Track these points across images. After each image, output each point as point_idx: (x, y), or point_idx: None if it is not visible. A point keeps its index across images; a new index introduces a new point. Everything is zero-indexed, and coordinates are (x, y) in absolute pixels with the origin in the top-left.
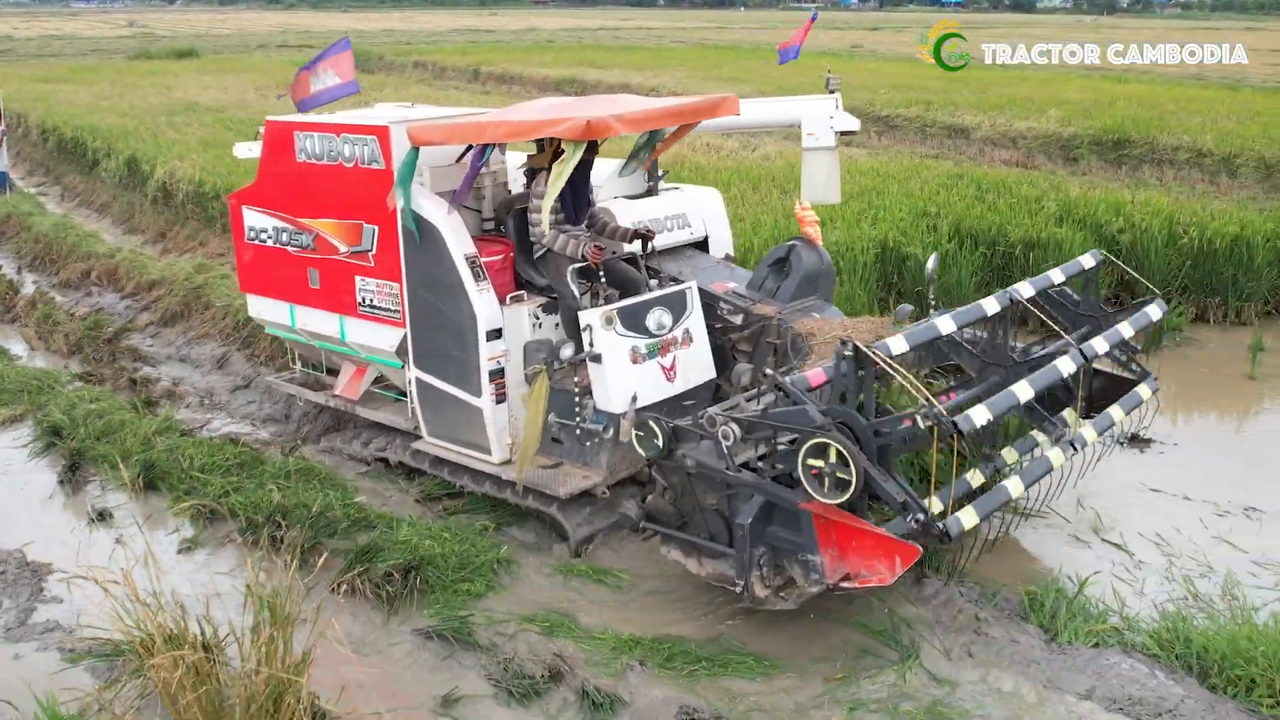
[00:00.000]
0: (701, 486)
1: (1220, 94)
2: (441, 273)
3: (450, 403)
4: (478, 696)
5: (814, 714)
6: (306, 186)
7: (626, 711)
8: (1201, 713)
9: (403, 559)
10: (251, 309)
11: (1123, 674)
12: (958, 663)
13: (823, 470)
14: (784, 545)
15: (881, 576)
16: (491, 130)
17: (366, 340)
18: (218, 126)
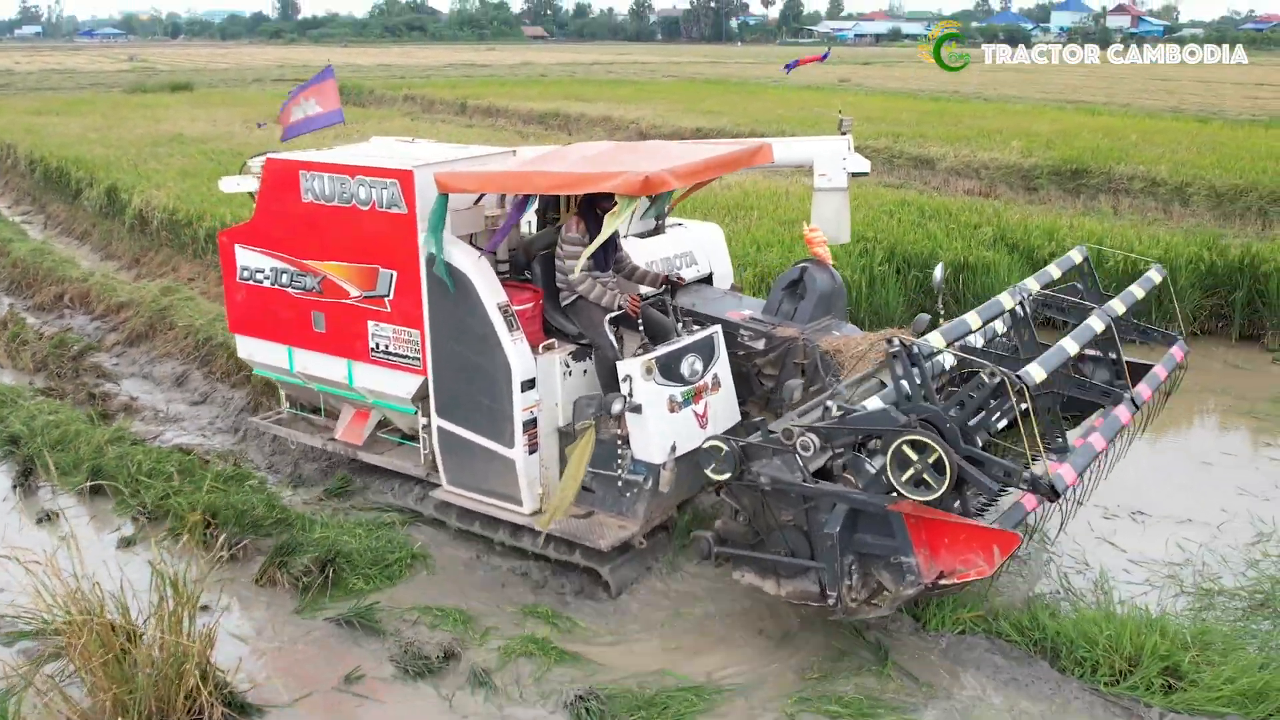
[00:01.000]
0: (776, 503)
1: (1190, 126)
2: (473, 322)
3: (477, 453)
4: (379, 675)
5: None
6: (313, 228)
7: (511, 691)
8: (1048, 693)
9: (319, 553)
10: (241, 350)
11: (979, 657)
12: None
13: (914, 469)
14: (873, 551)
15: (980, 569)
16: (539, 181)
17: (378, 386)
18: (199, 157)
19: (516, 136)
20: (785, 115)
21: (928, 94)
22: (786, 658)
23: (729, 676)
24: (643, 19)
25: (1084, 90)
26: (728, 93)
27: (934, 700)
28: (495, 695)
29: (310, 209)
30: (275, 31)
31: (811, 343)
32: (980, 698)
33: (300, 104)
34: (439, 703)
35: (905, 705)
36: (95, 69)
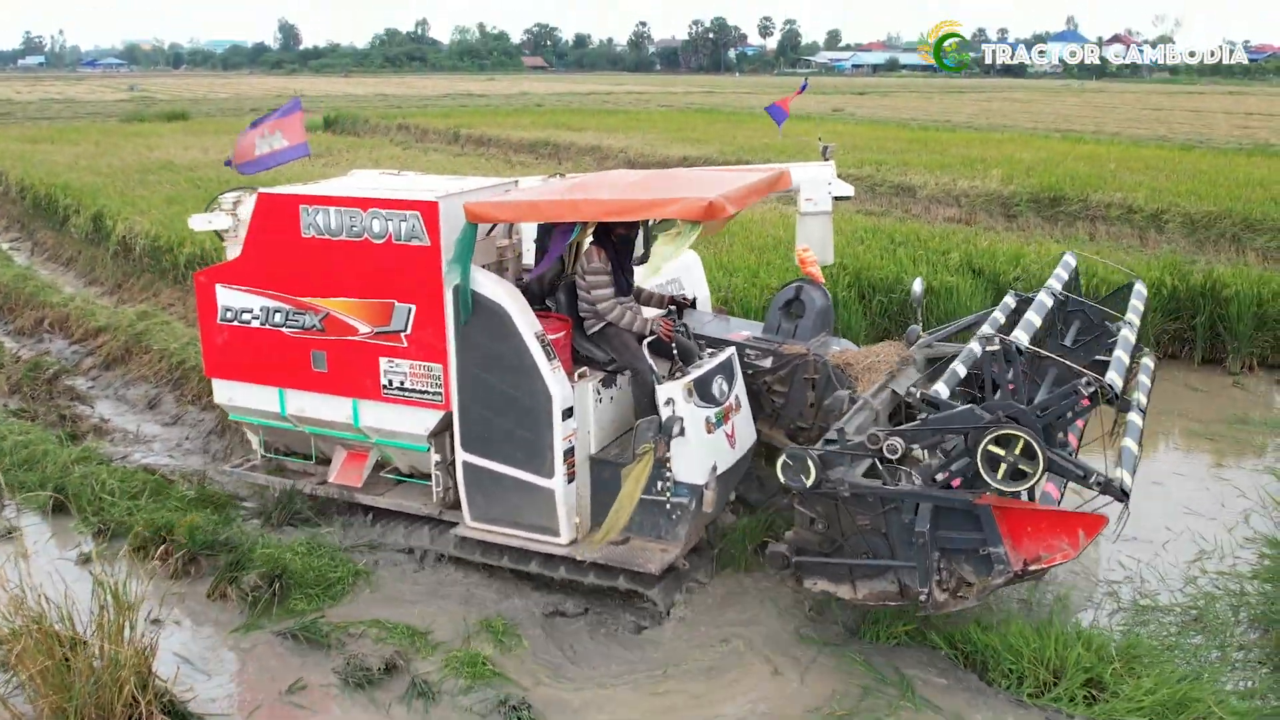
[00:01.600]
0: (853, 508)
1: (1173, 154)
2: (507, 353)
3: (509, 485)
4: (321, 685)
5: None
6: (314, 264)
7: (449, 701)
8: (972, 699)
9: (268, 569)
10: (220, 395)
11: (908, 670)
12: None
13: (1004, 462)
14: (958, 545)
15: (1066, 552)
16: (589, 209)
17: (389, 424)
18: (186, 185)
19: (506, 165)
20: (771, 144)
21: (918, 123)
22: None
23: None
24: (642, 49)
25: (1076, 119)
26: (716, 122)
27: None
28: (433, 705)
29: (312, 244)
30: (276, 62)
31: (821, 357)
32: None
33: (264, 136)
34: (376, 712)
35: None
36: (95, 98)
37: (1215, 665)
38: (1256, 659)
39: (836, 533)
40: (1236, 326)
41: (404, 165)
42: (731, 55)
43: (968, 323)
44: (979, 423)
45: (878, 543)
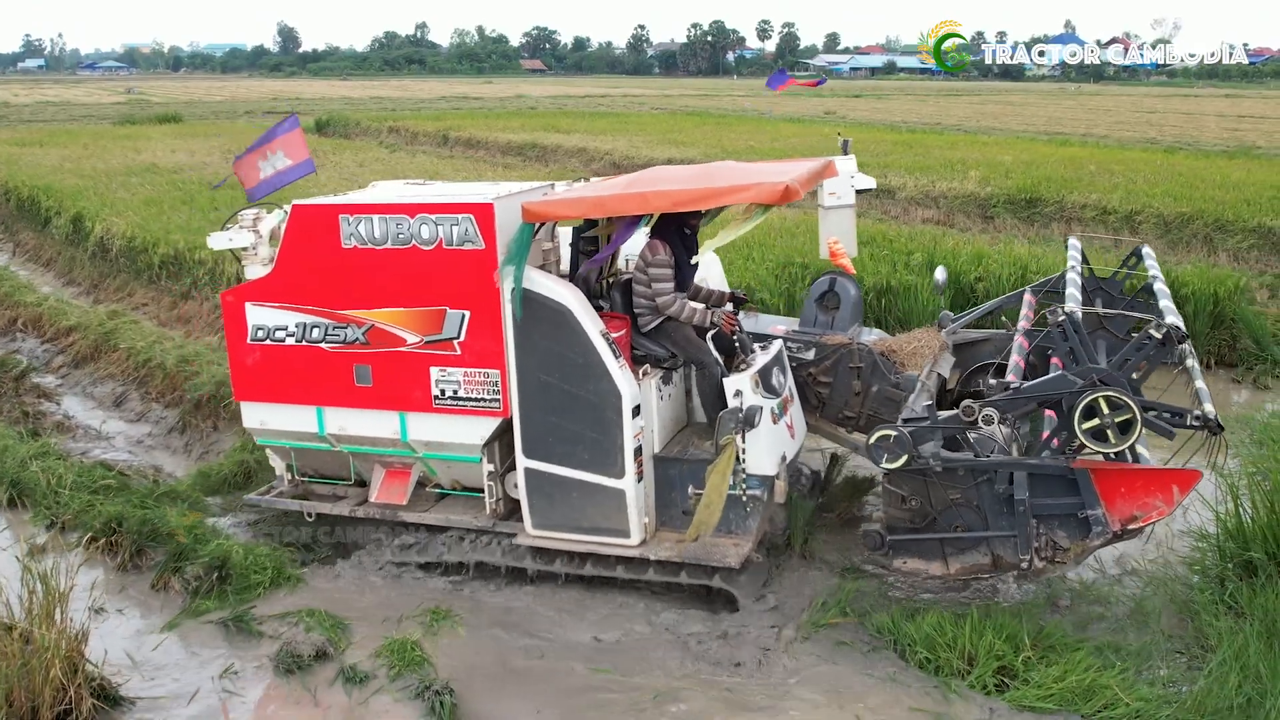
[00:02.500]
0: (944, 483)
1: (1156, 156)
2: (573, 354)
3: (576, 489)
4: (253, 671)
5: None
6: (357, 275)
7: (375, 685)
8: (894, 688)
9: (210, 561)
10: (250, 419)
11: (838, 658)
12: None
13: (1101, 424)
14: (1052, 510)
15: (1161, 510)
16: (658, 200)
17: (442, 436)
18: (167, 187)
19: (495, 168)
20: (757, 146)
21: (907, 126)
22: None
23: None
24: (640, 52)
25: (1067, 122)
26: (704, 124)
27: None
28: (359, 689)
29: (354, 255)
30: (275, 65)
31: (865, 346)
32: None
33: (268, 157)
34: (303, 695)
35: None
36: (91, 101)
37: (1133, 653)
38: (1176, 648)
39: (928, 509)
40: (1193, 325)
41: (390, 167)
42: (730, 59)
43: (987, 309)
44: (1072, 388)
45: (970, 515)
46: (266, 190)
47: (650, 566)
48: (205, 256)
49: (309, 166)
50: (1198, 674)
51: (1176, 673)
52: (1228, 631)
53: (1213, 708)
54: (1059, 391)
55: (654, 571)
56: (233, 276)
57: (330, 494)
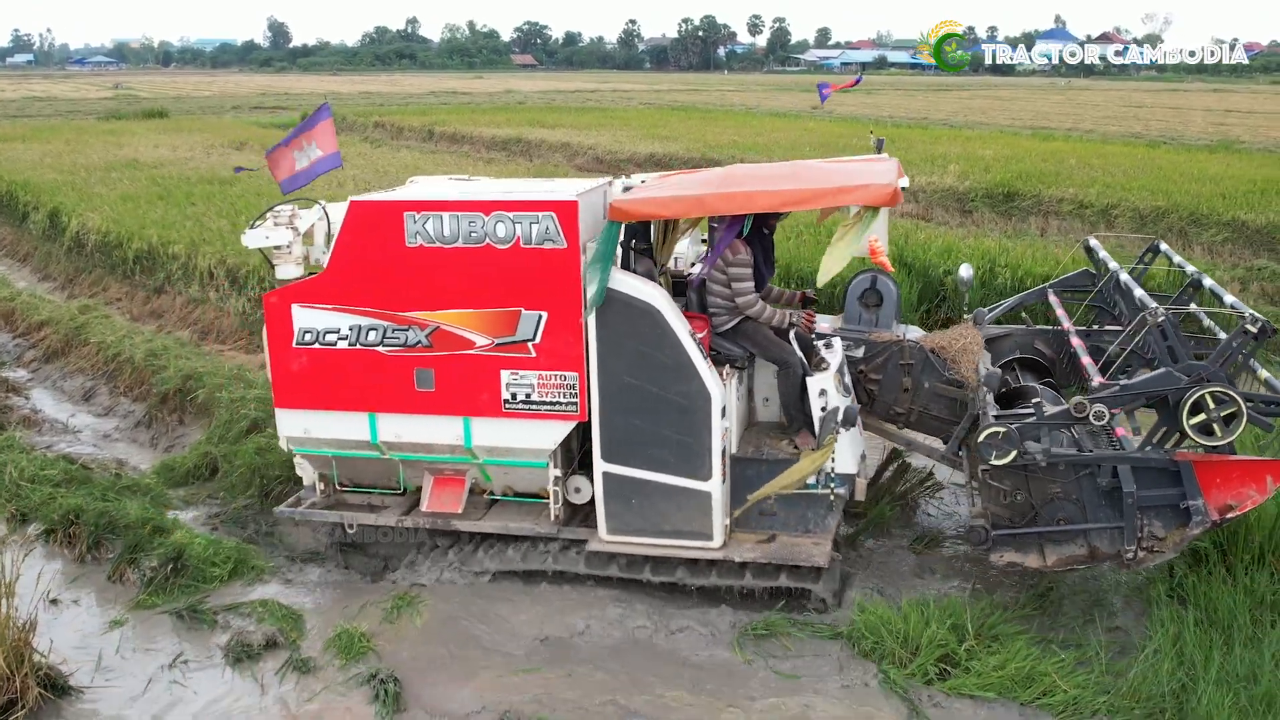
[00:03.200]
0: (1046, 477)
1: (1138, 150)
2: (661, 355)
3: (657, 493)
4: (203, 660)
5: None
6: (422, 275)
7: (323, 674)
8: (840, 678)
9: (167, 554)
10: (290, 427)
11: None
12: None
13: (1208, 418)
14: (1151, 502)
15: (1254, 499)
16: (763, 200)
17: (509, 441)
18: (146, 182)
19: (478, 163)
20: (740, 141)
21: (893, 121)
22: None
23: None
24: (632, 47)
25: (1054, 116)
26: (690, 119)
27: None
28: (307, 678)
29: (419, 254)
30: (266, 60)
31: (915, 344)
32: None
33: (302, 149)
34: (250, 684)
35: None
36: (78, 96)
37: (1075, 642)
38: (1118, 637)
39: (1030, 503)
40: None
41: (371, 163)
42: (721, 53)
43: (1011, 305)
44: (1178, 384)
45: (1071, 508)
46: (301, 183)
47: (736, 570)
48: (178, 251)
49: (337, 160)
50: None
51: (1118, 661)
52: (1169, 619)
53: (1146, 694)
54: (1166, 388)
55: (749, 575)
56: (204, 271)
57: (364, 504)
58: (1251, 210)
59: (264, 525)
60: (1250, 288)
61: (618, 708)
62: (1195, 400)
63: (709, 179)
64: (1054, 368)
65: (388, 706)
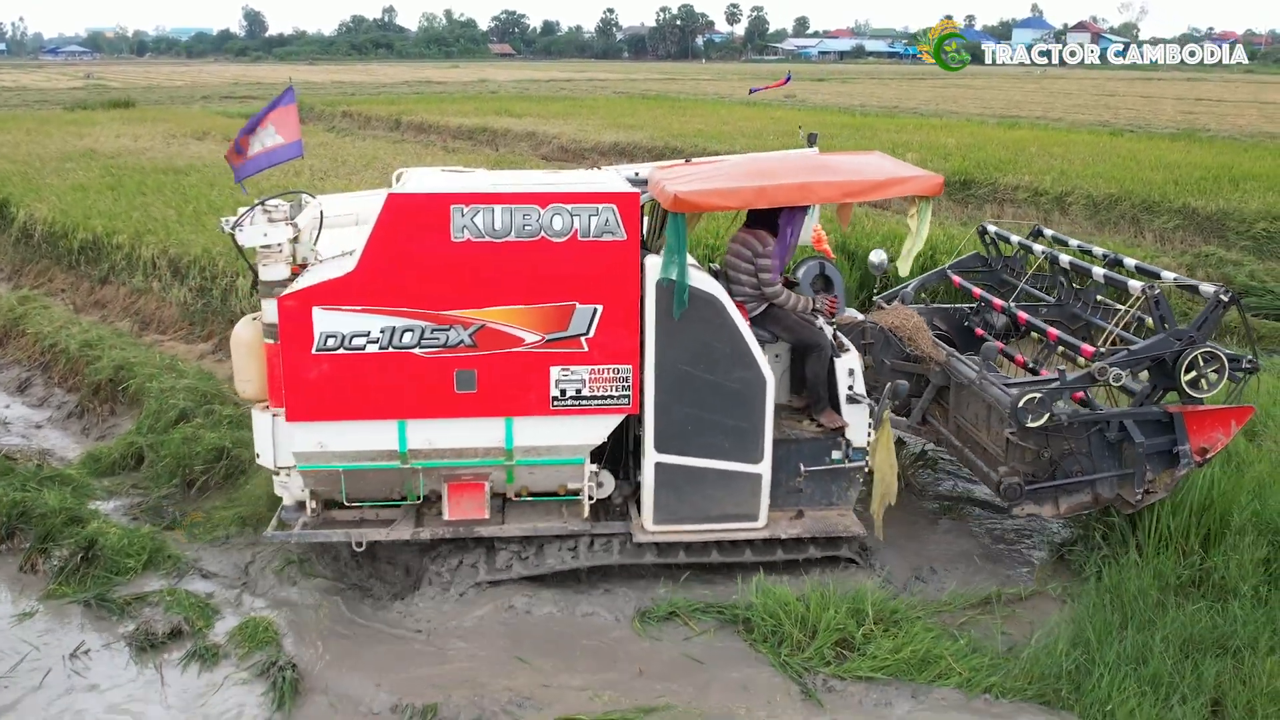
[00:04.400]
0: (1062, 435)
1: (1101, 138)
2: (719, 344)
3: (709, 479)
4: (106, 650)
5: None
6: (467, 271)
7: (229, 662)
8: (740, 661)
9: (79, 544)
10: (305, 442)
11: (682, 634)
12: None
13: (1198, 374)
14: (1151, 450)
15: (1222, 441)
16: (823, 190)
17: (554, 439)
18: (99, 171)
19: (443, 152)
20: (705, 129)
21: (863, 110)
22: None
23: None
24: (610, 37)
25: (1025, 105)
26: (658, 108)
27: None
28: (208, 667)
29: (466, 249)
30: (241, 49)
31: (875, 324)
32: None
33: (257, 133)
34: (152, 674)
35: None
36: (48, 86)
37: (979, 621)
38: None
39: (1049, 460)
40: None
41: (332, 152)
42: (699, 42)
43: (919, 284)
44: (1172, 348)
45: (1084, 461)
46: (253, 170)
47: (778, 546)
48: (122, 241)
49: (296, 149)
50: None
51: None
52: (1068, 600)
53: (1040, 675)
54: (1165, 350)
55: (781, 551)
56: (148, 261)
57: (356, 519)
58: (1203, 197)
59: (185, 514)
60: (1196, 273)
61: (512, 694)
62: (1190, 360)
63: (727, 167)
64: (954, 340)
65: (285, 695)
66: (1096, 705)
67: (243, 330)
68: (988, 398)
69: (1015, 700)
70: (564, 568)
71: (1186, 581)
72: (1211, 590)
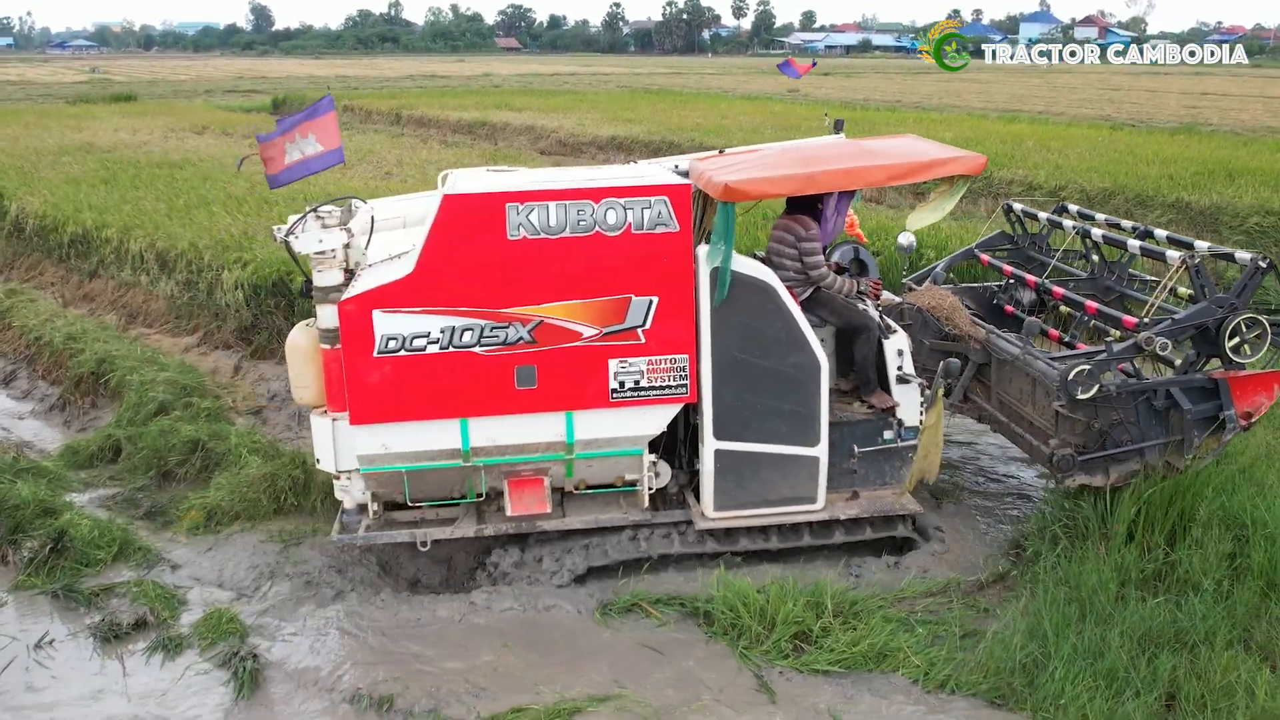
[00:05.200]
0: (1110, 406)
1: (1100, 132)
2: (774, 329)
3: (768, 464)
4: (70, 641)
5: None
6: (524, 268)
7: (192, 653)
8: (699, 652)
9: (49, 535)
10: (368, 445)
11: (644, 626)
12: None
13: (1241, 340)
14: (1198, 416)
15: (1265, 405)
16: (872, 175)
17: (613, 431)
18: (95, 165)
19: (442, 146)
20: (703, 123)
21: (865, 104)
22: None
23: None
24: (616, 30)
25: (1028, 99)
26: (659, 103)
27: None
28: (170, 657)
29: (522, 246)
30: (248, 44)
31: (913, 305)
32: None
33: (296, 141)
34: (114, 664)
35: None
36: (53, 80)
37: (931, 618)
38: (985, 606)
39: (1100, 430)
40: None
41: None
42: (705, 36)
43: (946, 265)
44: (1215, 315)
45: (1132, 430)
46: (291, 178)
47: (827, 529)
48: (111, 235)
49: (339, 156)
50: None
51: (954, 642)
52: (1027, 593)
53: (995, 668)
54: (1207, 318)
55: (841, 533)
56: (136, 255)
57: (416, 519)
58: (1197, 191)
59: (158, 506)
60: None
61: (469, 685)
62: (1234, 326)
63: (773, 154)
64: (983, 318)
65: (245, 685)
66: (1050, 699)
67: (298, 337)
68: (1033, 372)
69: (967, 695)
70: (627, 558)
71: (1151, 575)
72: (1176, 584)
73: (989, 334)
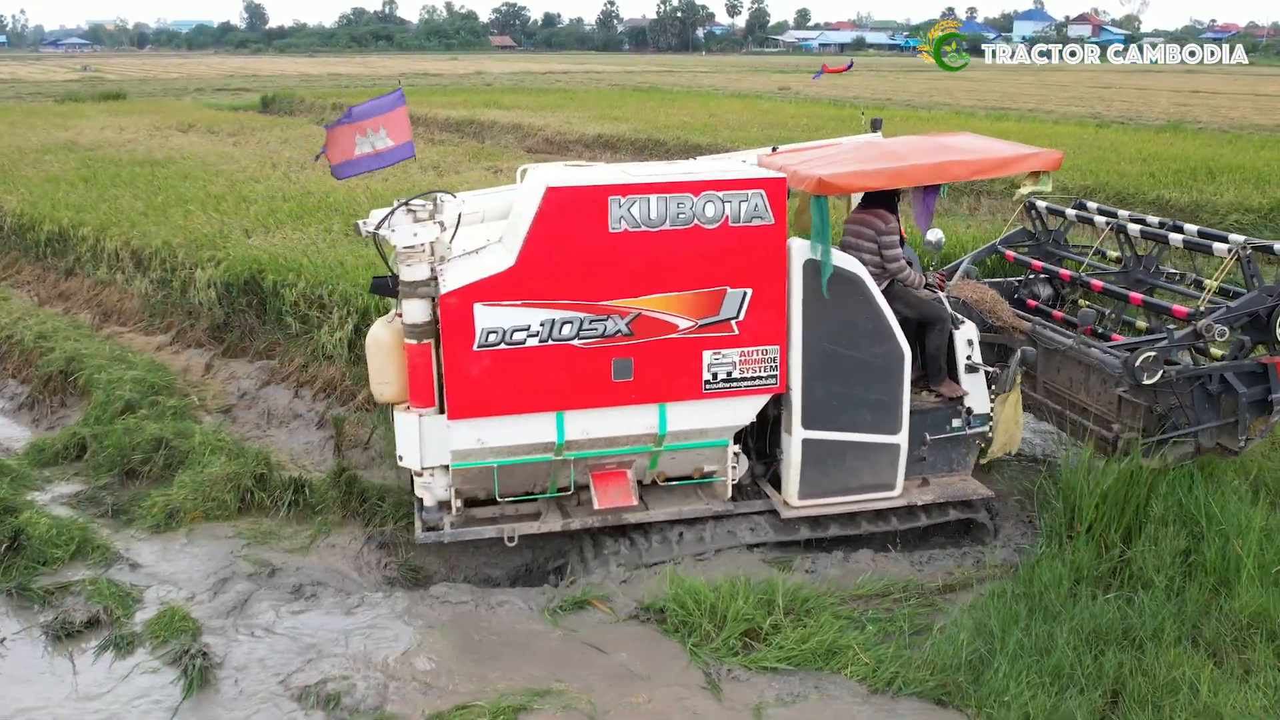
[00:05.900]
0: (1167, 392)
1: (1087, 130)
2: (862, 321)
3: (852, 452)
4: (21, 640)
5: None
6: (625, 261)
7: (143, 650)
8: (646, 650)
9: (4, 534)
10: (464, 439)
11: (595, 622)
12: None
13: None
14: (1250, 399)
15: None
16: (955, 169)
17: (705, 422)
18: (76, 164)
19: (428, 144)
20: (689, 122)
21: (855, 102)
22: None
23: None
24: (610, 29)
25: (1019, 98)
26: (648, 100)
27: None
28: (120, 656)
29: (623, 239)
30: (242, 42)
31: (958, 299)
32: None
33: (366, 135)
34: (61, 661)
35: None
36: (44, 79)
37: (890, 607)
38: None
39: (1157, 415)
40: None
41: (316, 144)
42: (699, 34)
43: (973, 258)
44: (1265, 303)
45: (1190, 414)
46: (359, 170)
47: (918, 513)
48: (87, 233)
49: (409, 150)
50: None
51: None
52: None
53: (942, 665)
54: (1259, 306)
55: (925, 517)
56: (111, 253)
57: (496, 515)
58: (1178, 189)
59: (120, 504)
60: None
61: (417, 682)
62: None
63: (848, 150)
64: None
65: (194, 682)
66: (994, 695)
67: (381, 332)
68: (1089, 360)
69: (913, 693)
70: (716, 549)
71: (1105, 572)
72: (1129, 581)
73: (1034, 325)
